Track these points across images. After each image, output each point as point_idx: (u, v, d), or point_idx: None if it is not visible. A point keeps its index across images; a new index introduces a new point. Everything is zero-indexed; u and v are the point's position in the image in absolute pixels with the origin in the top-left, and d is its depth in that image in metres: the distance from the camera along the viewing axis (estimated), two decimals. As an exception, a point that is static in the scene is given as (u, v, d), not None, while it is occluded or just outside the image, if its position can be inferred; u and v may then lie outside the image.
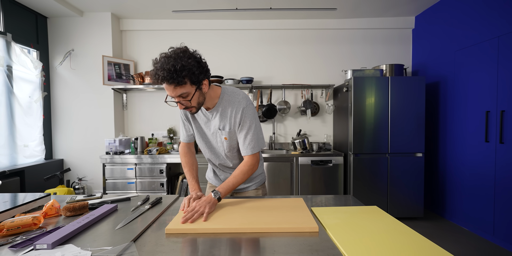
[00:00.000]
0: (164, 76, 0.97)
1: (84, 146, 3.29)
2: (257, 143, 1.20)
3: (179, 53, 1.01)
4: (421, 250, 0.73)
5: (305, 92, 3.55)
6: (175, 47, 1.06)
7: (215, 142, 1.27)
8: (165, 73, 0.97)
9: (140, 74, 3.33)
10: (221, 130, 1.20)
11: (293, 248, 0.75)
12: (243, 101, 1.18)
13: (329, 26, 3.54)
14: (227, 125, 1.19)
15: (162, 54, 1.03)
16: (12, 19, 2.74)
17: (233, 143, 1.24)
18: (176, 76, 0.97)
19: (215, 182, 1.44)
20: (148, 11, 3.27)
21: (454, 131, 2.84)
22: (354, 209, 1.07)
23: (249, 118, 1.18)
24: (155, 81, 1.01)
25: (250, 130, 1.18)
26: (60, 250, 0.71)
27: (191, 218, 0.92)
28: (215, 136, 1.25)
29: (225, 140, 1.22)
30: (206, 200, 1.04)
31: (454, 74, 2.83)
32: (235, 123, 1.18)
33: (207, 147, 1.30)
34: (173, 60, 0.98)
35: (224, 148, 1.26)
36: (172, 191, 3.13)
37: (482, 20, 2.52)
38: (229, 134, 1.20)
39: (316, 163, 3.02)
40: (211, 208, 1.01)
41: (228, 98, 1.19)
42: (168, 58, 0.99)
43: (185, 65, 0.98)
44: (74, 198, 1.21)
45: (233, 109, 1.17)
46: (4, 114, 2.60)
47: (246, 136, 1.18)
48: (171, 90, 1.02)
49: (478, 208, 2.54)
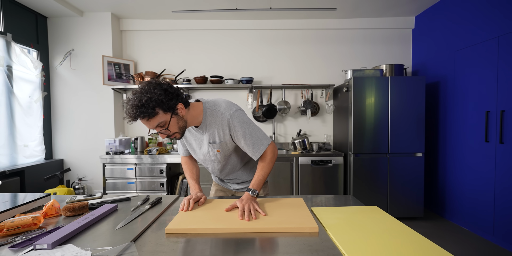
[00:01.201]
0: (134, 113, 0.99)
1: (84, 146, 3.29)
2: (260, 142, 1.20)
3: (144, 87, 1.03)
4: (421, 250, 0.73)
5: (305, 92, 3.55)
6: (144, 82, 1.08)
7: (208, 156, 1.27)
8: (134, 110, 0.99)
9: (140, 74, 3.33)
10: (212, 143, 1.21)
11: (293, 248, 0.75)
12: (225, 112, 1.16)
13: (329, 26, 3.54)
14: (217, 138, 1.19)
15: (133, 91, 1.06)
16: (12, 19, 2.74)
17: (227, 154, 1.26)
18: (145, 110, 0.99)
19: (218, 181, 1.48)
20: (148, 11, 3.27)
21: (454, 131, 2.84)
22: (354, 209, 1.07)
23: (238, 126, 1.16)
24: (131, 119, 1.02)
25: (246, 135, 1.17)
26: (60, 250, 0.71)
27: (248, 217, 0.95)
28: (206, 150, 1.25)
29: (218, 153, 1.23)
30: (248, 199, 1.08)
31: (454, 74, 2.83)
32: (225, 135, 1.18)
33: (202, 161, 1.33)
34: (139, 95, 1.00)
35: (219, 160, 1.27)
36: (172, 191, 3.13)
37: (482, 20, 2.52)
38: (220, 147, 1.21)
39: (316, 163, 3.02)
40: (257, 203, 1.07)
41: (210, 113, 1.18)
42: (135, 95, 1.01)
43: (151, 97, 1.00)
44: (74, 198, 1.21)
45: (218, 122, 1.17)
46: (4, 114, 2.60)
47: (247, 142, 1.18)
48: (147, 124, 1.04)
49: (478, 208, 2.54)
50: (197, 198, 1.12)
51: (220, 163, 1.29)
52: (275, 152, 1.23)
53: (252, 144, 1.18)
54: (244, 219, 0.94)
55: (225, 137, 1.19)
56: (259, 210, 1.02)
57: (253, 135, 1.19)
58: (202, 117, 1.18)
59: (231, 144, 1.22)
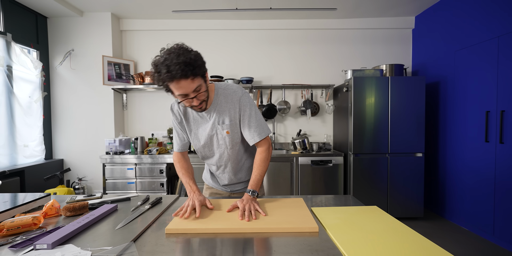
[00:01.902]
0: (182, 69, 0.93)
1: (84, 146, 3.29)
2: (262, 128, 1.19)
3: (181, 48, 0.98)
4: (421, 250, 0.73)
5: (305, 92, 3.54)
6: (166, 47, 1.02)
7: (216, 141, 1.22)
8: (182, 67, 0.93)
9: (140, 74, 3.33)
10: (221, 124, 1.17)
11: (293, 248, 0.75)
12: (238, 91, 1.17)
13: (329, 26, 3.54)
14: (227, 118, 1.16)
15: (162, 53, 0.99)
16: (12, 19, 2.74)
17: (236, 137, 1.21)
18: (192, 68, 0.95)
19: (212, 184, 1.40)
20: (148, 11, 3.26)
21: (454, 131, 2.84)
22: (354, 209, 1.07)
23: (247, 106, 1.17)
24: (169, 79, 0.95)
25: (252, 117, 1.17)
26: (60, 250, 0.71)
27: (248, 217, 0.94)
28: (215, 134, 1.20)
29: (227, 135, 1.18)
30: (248, 199, 1.06)
31: (454, 74, 2.83)
32: (235, 114, 1.17)
33: (208, 150, 1.26)
34: (182, 54, 0.95)
35: (227, 145, 1.21)
36: (172, 191, 3.13)
37: (482, 20, 2.52)
38: (230, 127, 1.17)
39: (316, 163, 3.02)
40: (257, 203, 1.06)
41: (223, 92, 1.17)
42: (176, 54, 0.95)
43: (193, 57, 0.97)
44: (74, 198, 1.21)
45: (230, 101, 1.16)
46: (4, 114, 2.60)
47: (250, 124, 1.17)
48: (188, 85, 0.97)
49: (478, 208, 2.54)
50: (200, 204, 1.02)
51: (227, 150, 1.22)
52: (271, 149, 1.22)
53: (255, 127, 1.17)
54: (244, 220, 0.93)
55: (235, 117, 1.17)
56: (260, 210, 1.01)
57: (258, 119, 1.19)
58: (214, 97, 1.16)
59: (239, 126, 1.20)
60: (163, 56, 0.98)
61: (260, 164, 1.18)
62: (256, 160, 1.20)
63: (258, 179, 1.15)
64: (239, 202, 1.05)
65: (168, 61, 0.94)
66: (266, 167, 1.19)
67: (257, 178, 1.15)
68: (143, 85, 3.26)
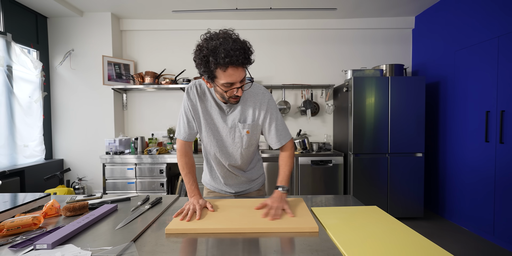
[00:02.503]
0: (242, 56, 0.90)
1: (84, 146, 3.29)
2: (286, 132, 1.21)
3: (232, 34, 0.95)
4: (421, 250, 0.73)
5: (305, 92, 3.54)
6: (213, 31, 0.97)
7: (231, 138, 1.17)
8: (241, 53, 0.90)
9: (140, 74, 3.33)
10: (242, 123, 1.13)
11: (293, 248, 0.75)
12: (266, 93, 1.17)
13: (329, 26, 3.54)
14: (249, 117, 1.14)
15: (213, 36, 0.93)
16: (12, 19, 2.74)
17: (253, 139, 1.19)
18: (248, 56, 0.93)
19: (214, 186, 1.34)
20: (148, 11, 3.26)
21: (454, 131, 2.84)
22: (354, 209, 1.07)
23: (275, 109, 1.18)
24: (226, 64, 0.89)
25: (278, 120, 1.18)
26: (60, 250, 0.71)
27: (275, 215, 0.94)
28: (232, 131, 1.15)
29: (247, 134, 1.15)
30: (278, 196, 1.06)
31: (454, 74, 2.83)
32: (259, 115, 1.14)
33: (218, 146, 1.19)
34: (238, 40, 0.92)
35: (243, 144, 1.17)
36: (172, 191, 3.13)
37: (482, 20, 2.52)
38: (251, 127, 1.14)
39: (316, 163, 3.02)
40: (287, 203, 1.04)
41: (249, 90, 1.14)
42: (232, 40, 0.92)
43: (248, 45, 0.95)
44: (74, 198, 1.21)
45: (257, 101, 1.14)
46: (4, 114, 2.60)
47: (277, 127, 1.18)
48: (240, 73, 0.95)
49: (478, 208, 2.54)
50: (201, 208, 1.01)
51: (241, 149, 1.19)
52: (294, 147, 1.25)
53: (281, 130, 1.19)
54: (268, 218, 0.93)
55: (259, 117, 1.15)
56: (288, 210, 0.99)
57: (283, 123, 1.21)
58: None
59: (260, 128, 1.18)
60: (215, 39, 0.91)
61: (288, 160, 1.20)
62: (283, 156, 1.21)
63: (288, 175, 1.17)
64: (268, 200, 1.05)
65: (227, 46, 0.89)
66: (293, 164, 1.21)
67: (286, 174, 1.16)
68: (143, 85, 3.26)
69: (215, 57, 0.90)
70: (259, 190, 1.38)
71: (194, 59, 0.98)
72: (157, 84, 3.31)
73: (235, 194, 1.34)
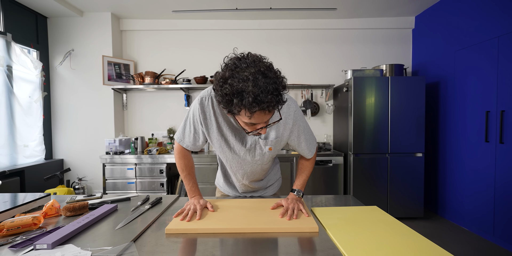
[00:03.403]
0: (274, 101, 0.74)
1: (84, 146, 3.29)
2: (314, 139, 1.17)
3: (268, 67, 0.77)
4: (421, 250, 0.73)
5: (305, 92, 3.54)
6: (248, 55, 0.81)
7: (250, 156, 1.07)
8: (274, 97, 0.73)
9: (140, 74, 3.33)
10: (264, 139, 1.02)
11: (293, 248, 0.75)
12: (292, 105, 1.02)
13: (329, 26, 3.54)
14: (273, 133, 1.02)
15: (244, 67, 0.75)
16: (12, 19, 2.74)
17: (275, 154, 1.10)
18: (280, 99, 0.76)
19: (228, 191, 1.30)
20: (148, 11, 3.27)
21: (454, 131, 2.84)
22: (354, 209, 1.07)
23: (301, 121, 1.07)
24: (252, 108, 0.73)
25: (306, 130, 1.10)
26: (60, 250, 0.71)
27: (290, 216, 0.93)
28: (252, 149, 1.05)
29: (269, 151, 1.05)
30: (293, 198, 1.05)
31: (454, 74, 2.83)
32: (285, 130, 1.03)
33: (235, 162, 1.11)
34: (271, 77, 0.75)
35: (264, 160, 1.09)
36: (172, 191, 3.13)
37: (482, 20, 2.52)
38: (275, 144, 1.04)
39: (316, 163, 3.02)
40: (303, 204, 1.04)
41: None
42: (263, 76, 0.74)
43: (281, 82, 0.78)
44: (74, 198, 1.21)
45: (282, 115, 0.98)
46: (4, 114, 2.60)
47: (306, 138, 1.11)
48: (266, 116, 0.79)
49: (478, 208, 2.54)
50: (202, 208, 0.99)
51: (262, 166, 1.11)
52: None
53: (310, 140, 1.13)
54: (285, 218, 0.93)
55: (284, 133, 1.03)
56: (304, 210, 0.98)
57: (310, 131, 1.13)
58: None
59: (284, 142, 1.07)
60: (246, 72, 0.74)
61: (309, 165, 1.18)
62: (304, 163, 1.19)
63: (305, 180, 1.16)
64: (284, 200, 1.05)
65: (257, 88, 0.72)
66: (312, 169, 1.20)
67: (304, 179, 1.16)
68: (143, 85, 3.26)
69: (241, 99, 0.73)
70: (274, 194, 1.35)
71: (214, 88, 0.82)
72: (157, 84, 3.31)
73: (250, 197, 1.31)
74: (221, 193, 1.35)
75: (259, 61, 0.78)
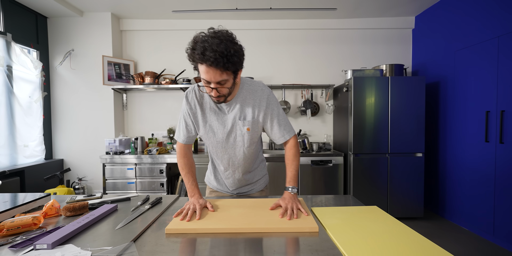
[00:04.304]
0: (215, 58, 0.89)
1: (84, 146, 3.29)
2: (290, 127, 1.21)
3: (228, 36, 0.94)
4: (421, 250, 0.73)
5: (305, 92, 3.55)
6: (216, 28, 0.97)
7: (232, 138, 1.17)
8: (217, 55, 0.89)
9: (140, 74, 3.33)
10: (242, 120, 1.13)
11: (293, 248, 0.75)
12: (265, 89, 1.16)
13: (329, 26, 3.54)
14: (249, 114, 1.13)
15: (207, 33, 0.94)
16: (12, 19, 2.74)
17: (254, 136, 1.18)
18: (226, 61, 0.91)
19: (216, 186, 1.36)
20: (148, 11, 3.26)
21: (454, 131, 2.84)
22: (354, 209, 1.07)
23: (275, 105, 1.17)
24: (199, 60, 0.92)
25: (280, 116, 1.18)
26: (60, 250, 0.71)
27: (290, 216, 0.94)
28: (233, 130, 1.16)
29: (247, 132, 1.14)
30: (290, 197, 1.06)
31: (454, 74, 2.83)
32: (259, 111, 1.14)
33: (220, 146, 1.19)
34: (224, 43, 0.91)
35: (244, 142, 1.17)
36: (172, 191, 3.13)
37: (482, 20, 2.52)
38: (252, 124, 1.14)
39: (316, 163, 3.02)
40: (300, 202, 1.07)
41: (248, 87, 1.15)
42: (219, 40, 0.91)
43: (236, 51, 0.93)
44: (74, 198, 1.21)
45: (257, 98, 1.13)
46: (4, 114, 2.60)
47: (280, 122, 1.17)
48: (214, 75, 0.94)
49: (478, 208, 2.54)
50: (201, 207, 1.01)
51: (244, 148, 1.18)
52: (298, 145, 1.24)
53: (284, 125, 1.18)
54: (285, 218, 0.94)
55: (259, 114, 1.14)
56: (302, 209, 1.00)
57: (285, 118, 1.20)
58: (238, 90, 1.12)
59: (260, 125, 1.18)
60: (207, 35, 0.93)
61: (294, 159, 1.18)
62: (288, 156, 1.20)
63: (295, 175, 1.16)
64: (281, 200, 1.05)
65: (207, 44, 0.90)
66: (299, 162, 1.20)
67: (293, 174, 1.16)
68: (143, 85, 3.26)
69: (193, 50, 0.93)
70: (261, 191, 1.37)
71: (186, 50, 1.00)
72: (157, 84, 3.31)
73: (237, 195, 1.35)
74: (210, 190, 1.40)
75: (224, 32, 0.96)
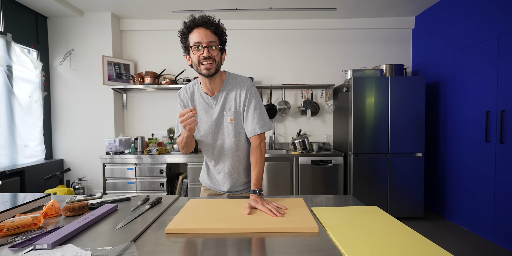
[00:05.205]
0: (205, 21, 1.07)
1: (84, 146, 3.29)
2: (264, 122, 1.22)
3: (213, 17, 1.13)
4: (421, 250, 0.73)
5: (305, 92, 3.55)
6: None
7: (220, 129, 1.24)
8: (205, 19, 1.07)
9: (140, 74, 3.33)
10: (227, 111, 1.21)
11: (293, 248, 0.75)
12: (247, 81, 1.23)
13: (329, 26, 3.54)
14: (233, 105, 1.21)
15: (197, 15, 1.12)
16: (12, 19, 2.74)
17: (238, 127, 1.23)
18: (215, 26, 1.08)
19: (209, 184, 1.40)
20: (148, 11, 3.27)
21: (454, 131, 2.84)
22: (354, 209, 1.07)
23: (254, 97, 1.22)
24: (191, 24, 1.08)
25: (256, 109, 1.21)
26: (60, 250, 0.71)
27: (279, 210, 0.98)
28: (221, 121, 1.23)
29: (231, 122, 1.21)
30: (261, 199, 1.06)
31: (454, 74, 2.83)
32: (240, 102, 1.21)
33: (211, 138, 1.26)
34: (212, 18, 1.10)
35: (230, 133, 1.23)
36: (172, 191, 3.13)
37: (482, 20, 2.52)
38: (234, 115, 1.21)
39: (316, 163, 3.02)
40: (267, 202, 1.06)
41: (232, 80, 1.23)
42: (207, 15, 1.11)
43: (219, 23, 1.11)
44: (74, 198, 1.21)
45: (238, 90, 1.21)
46: (4, 114, 2.60)
47: (254, 115, 1.20)
48: (205, 34, 1.08)
49: (478, 208, 2.54)
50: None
51: (230, 138, 1.23)
52: (264, 145, 1.24)
53: (258, 119, 1.20)
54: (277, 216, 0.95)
55: (240, 105, 1.21)
56: (280, 206, 1.04)
57: (262, 112, 1.23)
58: (223, 85, 1.21)
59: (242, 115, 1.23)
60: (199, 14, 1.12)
61: (257, 161, 1.20)
62: (252, 157, 1.21)
63: (259, 177, 1.18)
64: (253, 203, 1.05)
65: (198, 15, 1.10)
66: (263, 163, 1.21)
67: (258, 176, 1.17)
68: (143, 85, 3.27)
69: (184, 23, 1.11)
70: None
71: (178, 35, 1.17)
72: (157, 84, 3.31)
73: (230, 193, 1.36)
74: (204, 188, 1.43)
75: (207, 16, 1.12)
